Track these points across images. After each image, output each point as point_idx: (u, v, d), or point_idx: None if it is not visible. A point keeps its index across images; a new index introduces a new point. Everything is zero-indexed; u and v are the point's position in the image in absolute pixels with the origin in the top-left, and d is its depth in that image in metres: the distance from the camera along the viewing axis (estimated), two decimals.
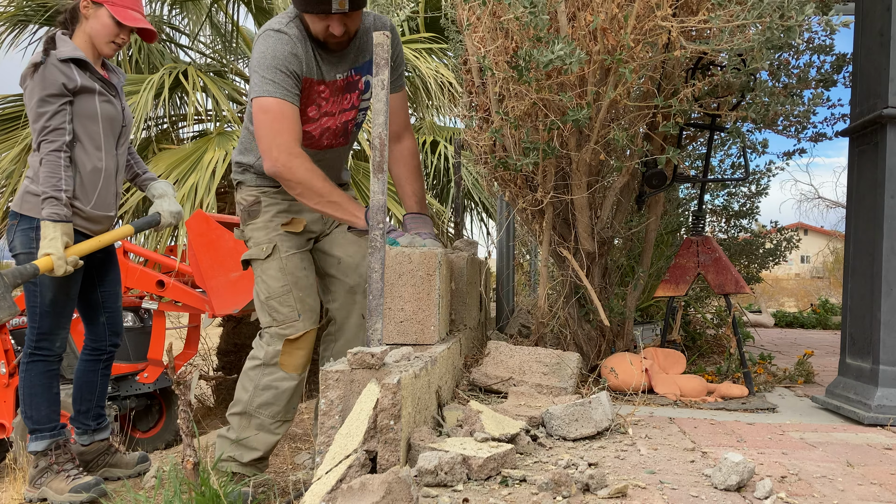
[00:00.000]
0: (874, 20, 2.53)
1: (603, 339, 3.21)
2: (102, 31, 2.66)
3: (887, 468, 1.88)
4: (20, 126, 5.95)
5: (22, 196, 2.63)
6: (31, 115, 2.53)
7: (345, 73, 2.48)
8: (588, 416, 2.08)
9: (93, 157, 2.66)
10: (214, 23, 7.20)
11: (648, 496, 1.56)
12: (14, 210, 2.64)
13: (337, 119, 2.54)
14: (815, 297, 11.67)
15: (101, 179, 2.71)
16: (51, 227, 2.48)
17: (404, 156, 2.66)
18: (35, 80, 2.52)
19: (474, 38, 2.82)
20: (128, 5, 2.71)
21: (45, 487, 2.72)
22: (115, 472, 3.02)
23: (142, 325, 4.77)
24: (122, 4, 2.68)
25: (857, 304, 2.62)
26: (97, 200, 2.73)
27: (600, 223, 3.04)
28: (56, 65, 2.53)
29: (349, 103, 2.55)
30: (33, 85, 2.52)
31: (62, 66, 2.54)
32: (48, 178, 2.49)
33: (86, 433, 3.00)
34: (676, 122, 2.56)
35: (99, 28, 2.66)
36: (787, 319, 7.35)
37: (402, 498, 1.36)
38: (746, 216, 4.74)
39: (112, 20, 2.66)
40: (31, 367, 2.73)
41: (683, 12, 2.53)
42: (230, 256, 4.14)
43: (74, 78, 2.58)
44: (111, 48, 2.71)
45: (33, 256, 2.55)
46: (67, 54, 2.57)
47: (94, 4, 2.65)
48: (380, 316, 1.84)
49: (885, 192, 2.44)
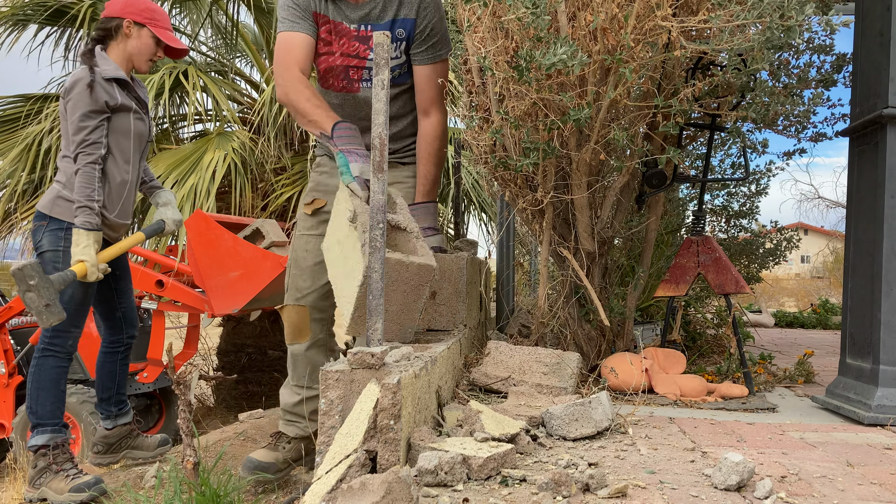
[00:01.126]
0: (874, 20, 2.53)
1: (603, 339, 3.21)
2: (144, 50, 2.87)
3: (887, 468, 1.88)
4: (20, 126, 5.95)
5: (53, 199, 2.78)
6: (72, 127, 2.69)
7: (358, 25, 2.51)
8: (588, 415, 2.08)
9: (122, 171, 2.85)
10: (215, 22, 7.20)
11: (648, 496, 1.56)
12: (43, 212, 2.77)
13: (336, 59, 2.57)
14: (815, 297, 11.68)
15: (126, 191, 2.90)
16: (84, 235, 2.64)
17: (424, 134, 2.69)
18: (81, 95, 2.68)
19: (475, 38, 2.82)
20: (166, 26, 2.94)
21: (45, 487, 2.75)
22: (137, 454, 3.15)
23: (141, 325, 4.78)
24: (161, 25, 2.90)
25: (857, 304, 2.62)
26: (120, 210, 2.90)
27: (600, 223, 3.04)
28: (101, 83, 2.72)
29: (355, 52, 2.57)
30: (78, 99, 2.68)
31: (106, 84, 2.74)
32: (83, 189, 2.66)
33: (109, 418, 3.14)
34: (676, 122, 2.56)
35: (140, 47, 2.87)
36: (787, 319, 7.35)
37: (402, 498, 1.36)
38: (746, 216, 4.74)
39: (153, 40, 2.87)
40: (43, 362, 2.79)
41: (683, 12, 2.53)
42: (229, 256, 4.15)
43: (116, 97, 2.78)
44: (148, 65, 2.92)
45: (59, 254, 2.71)
46: (111, 74, 2.77)
47: (137, 25, 2.85)
48: (380, 316, 1.84)
49: (885, 192, 2.44)
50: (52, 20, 6.14)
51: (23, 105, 6.06)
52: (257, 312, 5.99)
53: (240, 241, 4.23)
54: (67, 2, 6.00)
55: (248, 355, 6.35)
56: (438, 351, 2.19)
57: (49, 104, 5.91)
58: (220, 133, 5.92)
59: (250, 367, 6.32)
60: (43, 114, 5.82)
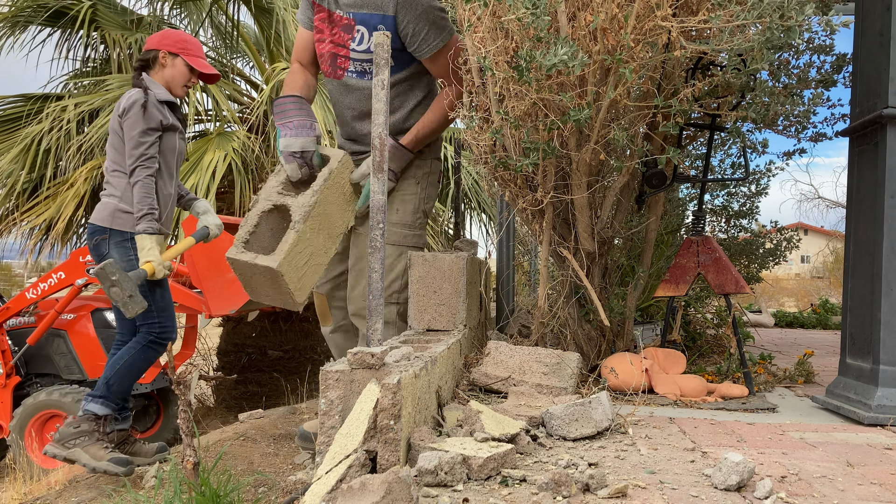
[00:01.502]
0: (874, 20, 2.53)
1: (603, 339, 3.21)
2: (179, 77, 3.15)
3: (887, 468, 1.88)
4: (20, 126, 5.96)
5: (113, 213, 3.00)
6: (131, 143, 2.94)
7: (344, 11, 2.55)
8: (588, 416, 2.08)
9: (167, 185, 3.13)
10: (215, 23, 7.20)
11: (648, 496, 1.56)
12: (103, 225, 3.00)
13: (326, 46, 2.65)
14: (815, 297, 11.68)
15: (170, 203, 3.18)
16: (148, 239, 2.90)
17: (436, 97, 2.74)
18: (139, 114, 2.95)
19: (475, 38, 2.82)
20: (198, 54, 3.20)
21: (80, 450, 2.92)
22: (135, 460, 3.19)
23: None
24: (194, 54, 3.17)
25: (857, 304, 2.62)
26: (164, 220, 3.15)
27: (600, 223, 3.04)
28: (156, 104, 3.01)
29: (340, 41, 2.62)
30: (137, 118, 2.94)
31: (159, 105, 3.03)
32: (144, 198, 2.92)
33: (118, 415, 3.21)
34: (676, 122, 2.56)
35: (176, 75, 3.14)
36: (787, 319, 7.35)
37: (402, 498, 1.36)
38: (746, 216, 4.73)
39: (187, 68, 3.15)
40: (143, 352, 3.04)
41: (683, 12, 2.53)
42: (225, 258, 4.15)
43: (167, 117, 3.07)
44: (184, 91, 3.20)
45: (133, 263, 2.95)
46: (163, 97, 3.07)
47: (171, 55, 3.13)
48: (380, 316, 1.84)
49: (885, 192, 2.44)
50: (53, 21, 6.15)
51: (23, 105, 6.07)
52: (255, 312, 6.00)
53: None
54: (67, 3, 6.01)
55: (248, 355, 6.35)
56: (438, 351, 2.19)
57: (49, 104, 5.91)
58: (220, 133, 5.93)
59: (250, 367, 6.32)
60: (43, 114, 5.82)
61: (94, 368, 4.60)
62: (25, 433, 4.33)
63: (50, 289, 4.49)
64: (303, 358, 6.43)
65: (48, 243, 6.01)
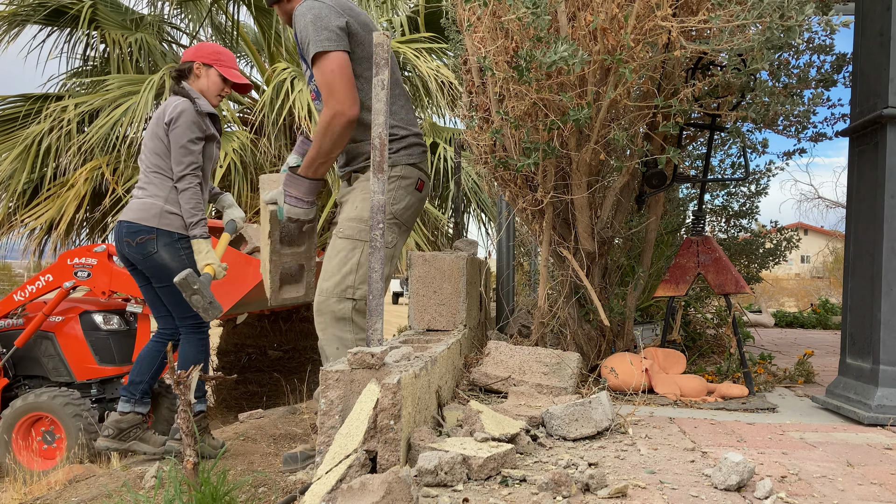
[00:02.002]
0: (874, 20, 2.53)
1: (603, 339, 3.21)
2: (213, 88, 3.28)
3: (887, 468, 1.88)
4: (20, 126, 5.96)
5: (160, 214, 3.11)
6: (181, 151, 3.08)
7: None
8: (588, 416, 2.08)
9: (205, 191, 3.27)
10: (215, 23, 7.20)
11: (648, 496, 1.56)
12: (149, 226, 3.10)
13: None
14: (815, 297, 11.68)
15: (205, 207, 3.30)
16: (203, 243, 3.08)
17: None
18: (189, 124, 3.09)
19: (475, 38, 2.82)
20: (231, 65, 3.32)
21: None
22: (143, 446, 3.28)
23: (127, 328, 4.78)
24: (227, 65, 3.30)
25: (857, 304, 2.62)
26: None
27: (600, 223, 3.04)
28: (201, 114, 3.15)
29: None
30: (185, 127, 3.08)
31: (203, 116, 3.17)
32: (197, 205, 3.09)
33: (129, 402, 3.31)
34: (676, 122, 2.56)
35: (210, 85, 3.27)
36: (787, 319, 7.35)
37: (402, 498, 1.36)
38: (746, 216, 4.74)
39: (220, 78, 3.28)
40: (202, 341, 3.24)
41: (683, 12, 2.53)
42: None
43: (210, 127, 3.22)
44: (218, 100, 3.33)
45: (184, 262, 3.10)
46: (206, 108, 3.20)
47: (205, 66, 3.26)
48: (380, 316, 1.84)
49: (885, 192, 2.44)
50: (53, 20, 6.15)
51: (22, 105, 6.07)
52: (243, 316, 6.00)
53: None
54: (67, 2, 6.01)
55: (248, 355, 6.35)
56: (438, 351, 2.19)
57: (48, 104, 5.91)
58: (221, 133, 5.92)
59: (250, 367, 6.32)
60: (43, 114, 5.83)
61: (82, 370, 4.60)
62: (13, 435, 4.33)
63: (38, 291, 4.50)
64: (303, 358, 6.43)
65: (50, 244, 6.02)
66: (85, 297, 4.94)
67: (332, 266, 2.48)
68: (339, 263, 2.47)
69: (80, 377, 4.59)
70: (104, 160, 5.61)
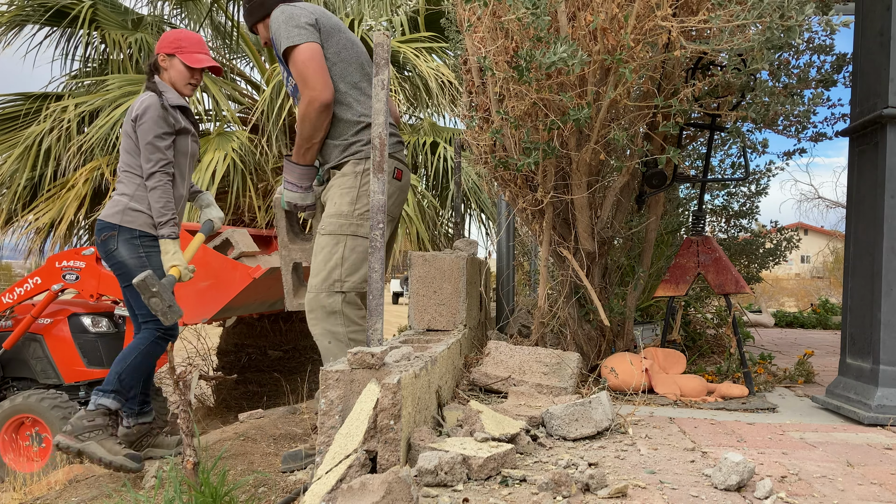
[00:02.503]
0: (874, 20, 2.53)
1: (603, 339, 3.21)
2: (179, 77, 3.15)
3: (887, 468, 1.88)
4: (20, 126, 5.96)
5: (123, 211, 3.01)
6: (148, 147, 2.98)
7: None
8: (588, 415, 2.08)
9: (179, 187, 3.15)
10: (215, 22, 7.20)
11: (648, 496, 1.56)
12: (112, 222, 3.01)
13: None
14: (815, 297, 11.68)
15: (181, 205, 3.20)
16: (171, 244, 2.96)
17: None
18: (155, 119, 2.98)
19: (475, 38, 2.82)
20: (195, 50, 3.16)
21: (95, 443, 2.94)
22: (156, 451, 3.26)
23: (116, 331, 4.77)
24: (190, 51, 3.14)
25: (857, 304, 2.62)
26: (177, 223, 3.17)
27: (600, 223, 3.04)
28: (169, 108, 3.03)
29: None
30: (151, 123, 2.97)
31: (172, 110, 3.05)
32: (166, 204, 2.97)
33: (131, 416, 3.26)
34: (676, 122, 2.56)
35: (176, 75, 3.14)
36: (787, 319, 7.35)
37: (402, 498, 1.36)
38: (746, 216, 4.74)
39: (185, 66, 3.13)
40: (153, 346, 3.07)
41: (683, 12, 2.53)
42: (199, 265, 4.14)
43: (180, 121, 3.09)
44: (189, 89, 3.19)
45: (143, 260, 3.00)
46: (174, 101, 3.08)
47: (168, 56, 3.13)
48: (380, 316, 1.84)
49: (885, 192, 2.44)
50: (53, 21, 6.15)
51: (22, 104, 6.06)
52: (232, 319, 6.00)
53: (209, 250, 4.24)
54: (67, 2, 6.01)
55: (248, 355, 6.35)
56: (438, 351, 2.19)
57: (48, 104, 5.91)
58: (220, 133, 5.92)
59: (250, 367, 6.32)
60: (43, 114, 5.82)
61: (71, 373, 4.60)
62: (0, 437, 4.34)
63: (26, 293, 4.49)
64: (303, 358, 6.43)
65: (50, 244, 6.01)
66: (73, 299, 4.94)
67: (318, 262, 2.53)
68: (324, 259, 2.51)
69: (69, 379, 4.59)
70: (104, 160, 5.60)
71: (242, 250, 4.43)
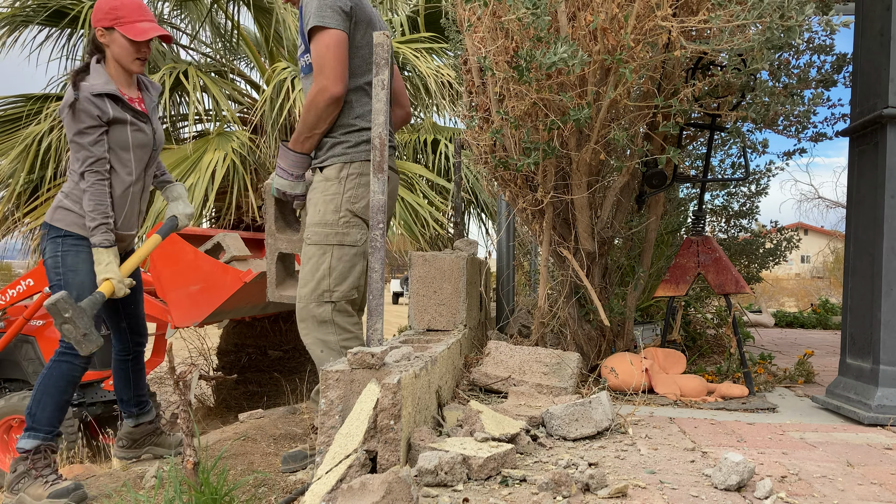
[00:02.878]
0: (874, 20, 2.53)
1: (603, 339, 3.21)
2: (123, 53, 2.77)
3: (887, 468, 1.88)
4: (20, 126, 5.96)
5: (54, 209, 2.77)
6: (73, 146, 2.68)
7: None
8: (588, 415, 2.08)
9: (124, 182, 2.81)
10: (215, 23, 7.20)
11: (648, 496, 1.56)
12: (46, 221, 2.77)
13: None
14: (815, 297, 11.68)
15: (128, 201, 2.87)
16: (104, 253, 2.66)
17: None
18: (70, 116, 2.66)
19: (475, 38, 2.82)
20: (135, 19, 2.76)
21: (23, 493, 2.68)
22: (159, 450, 3.23)
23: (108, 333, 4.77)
24: (130, 21, 2.74)
25: (857, 304, 2.62)
26: (123, 221, 2.88)
27: (600, 223, 3.04)
28: (89, 98, 2.66)
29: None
30: (70, 119, 2.65)
31: (96, 99, 2.67)
32: (98, 207, 2.66)
33: (131, 417, 3.22)
34: (676, 122, 2.56)
35: (119, 51, 2.76)
36: (787, 319, 7.35)
37: (402, 498, 1.36)
38: (746, 216, 4.74)
39: (127, 40, 2.74)
40: (56, 367, 2.76)
41: (683, 12, 2.53)
42: (190, 269, 4.14)
43: (107, 111, 2.70)
44: (137, 64, 2.82)
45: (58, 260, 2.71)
46: (99, 89, 2.69)
47: (107, 30, 2.74)
48: (380, 316, 1.84)
49: (885, 192, 2.44)
50: (53, 21, 6.15)
51: (23, 105, 6.06)
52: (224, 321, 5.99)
53: (200, 254, 4.23)
54: (68, 3, 6.01)
55: (248, 355, 6.35)
56: (438, 351, 2.19)
57: (49, 104, 5.91)
58: (220, 133, 5.92)
59: (250, 367, 6.32)
60: (43, 114, 5.83)
61: None
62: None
63: (18, 295, 4.48)
64: (303, 358, 6.43)
65: None
66: None
67: (306, 272, 2.49)
68: (311, 269, 2.49)
69: None
70: None
71: (234, 254, 4.44)
